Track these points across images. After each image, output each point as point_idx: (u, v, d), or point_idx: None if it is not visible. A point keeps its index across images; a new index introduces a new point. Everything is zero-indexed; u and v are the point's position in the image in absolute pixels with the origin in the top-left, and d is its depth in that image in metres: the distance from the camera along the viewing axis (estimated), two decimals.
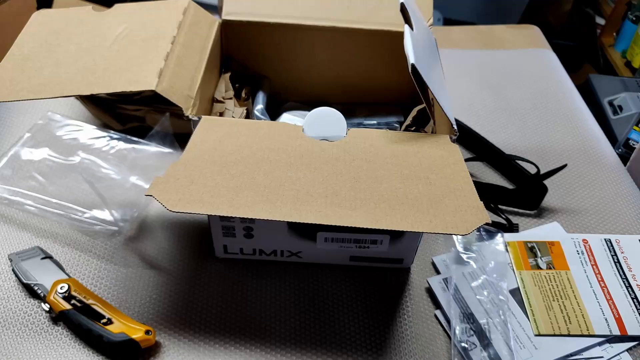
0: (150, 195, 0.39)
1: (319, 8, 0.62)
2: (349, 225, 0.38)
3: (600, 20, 1.87)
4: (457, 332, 0.51)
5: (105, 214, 0.58)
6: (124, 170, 0.62)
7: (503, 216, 0.62)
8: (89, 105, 0.68)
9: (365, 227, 0.38)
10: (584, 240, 0.60)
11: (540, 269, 0.57)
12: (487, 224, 0.61)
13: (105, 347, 0.48)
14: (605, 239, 0.61)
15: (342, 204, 0.40)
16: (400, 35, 0.48)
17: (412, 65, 0.44)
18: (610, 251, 0.59)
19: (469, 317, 0.52)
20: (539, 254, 0.58)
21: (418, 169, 0.44)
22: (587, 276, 0.57)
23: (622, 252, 0.59)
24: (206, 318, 0.52)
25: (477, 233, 0.61)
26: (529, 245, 0.59)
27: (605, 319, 0.53)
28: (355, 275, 0.56)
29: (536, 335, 0.51)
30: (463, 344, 0.51)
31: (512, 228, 0.61)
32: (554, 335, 0.52)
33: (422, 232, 0.46)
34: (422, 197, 0.41)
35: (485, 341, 0.51)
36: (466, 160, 0.70)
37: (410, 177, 0.43)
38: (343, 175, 0.43)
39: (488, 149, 0.70)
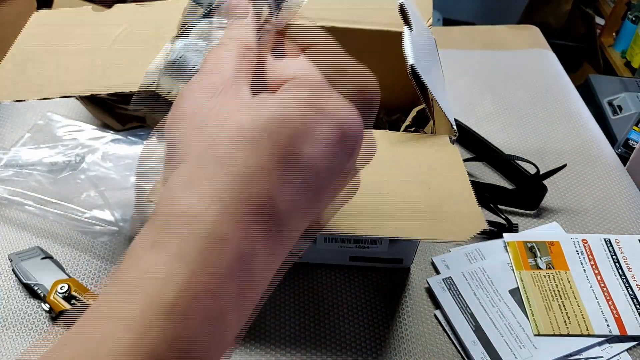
0: (151, 201, 0.38)
1: (319, 8, 0.62)
2: (350, 233, 0.38)
3: (600, 20, 1.87)
4: (456, 332, 0.51)
5: (105, 214, 0.58)
6: (123, 170, 0.62)
7: (503, 216, 0.62)
8: (89, 105, 0.68)
9: (365, 234, 0.38)
10: (583, 240, 0.60)
11: (540, 269, 0.57)
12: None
13: None
14: (604, 239, 0.61)
15: (342, 210, 0.40)
16: (400, 36, 0.48)
17: (411, 66, 0.44)
18: (609, 251, 0.59)
19: (468, 317, 0.52)
20: (538, 254, 0.58)
21: (417, 172, 0.44)
22: (586, 276, 0.57)
23: (621, 252, 0.59)
24: None
25: (477, 234, 0.61)
26: (529, 245, 0.59)
27: (605, 319, 0.53)
28: (355, 275, 0.56)
29: (536, 335, 0.51)
30: (462, 344, 0.51)
31: (512, 228, 0.61)
32: (554, 335, 0.52)
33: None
34: (420, 202, 0.41)
35: (484, 341, 0.51)
36: (466, 160, 0.70)
37: (409, 181, 0.43)
38: None
39: (488, 149, 0.70)
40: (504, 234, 0.60)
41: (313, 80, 0.27)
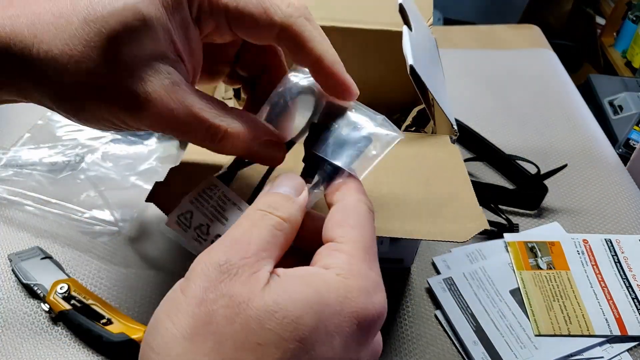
0: (151, 202, 0.38)
1: (319, 8, 0.62)
2: None
3: (601, 20, 1.87)
4: (457, 332, 0.51)
5: (105, 214, 0.58)
6: (123, 170, 0.62)
7: (503, 216, 0.62)
8: None
9: None
10: (584, 240, 0.60)
11: (541, 269, 0.57)
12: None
13: (105, 347, 0.48)
14: (605, 239, 0.61)
15: None
16: (400, 35, 0.47)
17: (411, 66, 0.44)
18: (610, 251, 0.59)
19: (469, 317, 0.52)
20: (539, 254, 0.58)
21: (418, 172, 0.44)
22: (587, 276, 0.57)
23: (622, 252, 0.59)
24: None
25: (478, 234, 0.61)
26: (529, 245, 0.59)
27: (606, 319, 0.53)
28: None
29: (536, 335, 0.51)
30: (463, 344, 0.51)
31: (512, 228, 0.61)
32: (554, 335, 0.51)
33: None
34: (421, 202, 0.41)
35: (485, 341, 0.51)
36: (466, 160, 0.70)
37: (409, 181, 0.43)
38: None
39: (488, 149, 0.70)
40: (505, 234, 0.60)
41: (349, 249, 0.26)
